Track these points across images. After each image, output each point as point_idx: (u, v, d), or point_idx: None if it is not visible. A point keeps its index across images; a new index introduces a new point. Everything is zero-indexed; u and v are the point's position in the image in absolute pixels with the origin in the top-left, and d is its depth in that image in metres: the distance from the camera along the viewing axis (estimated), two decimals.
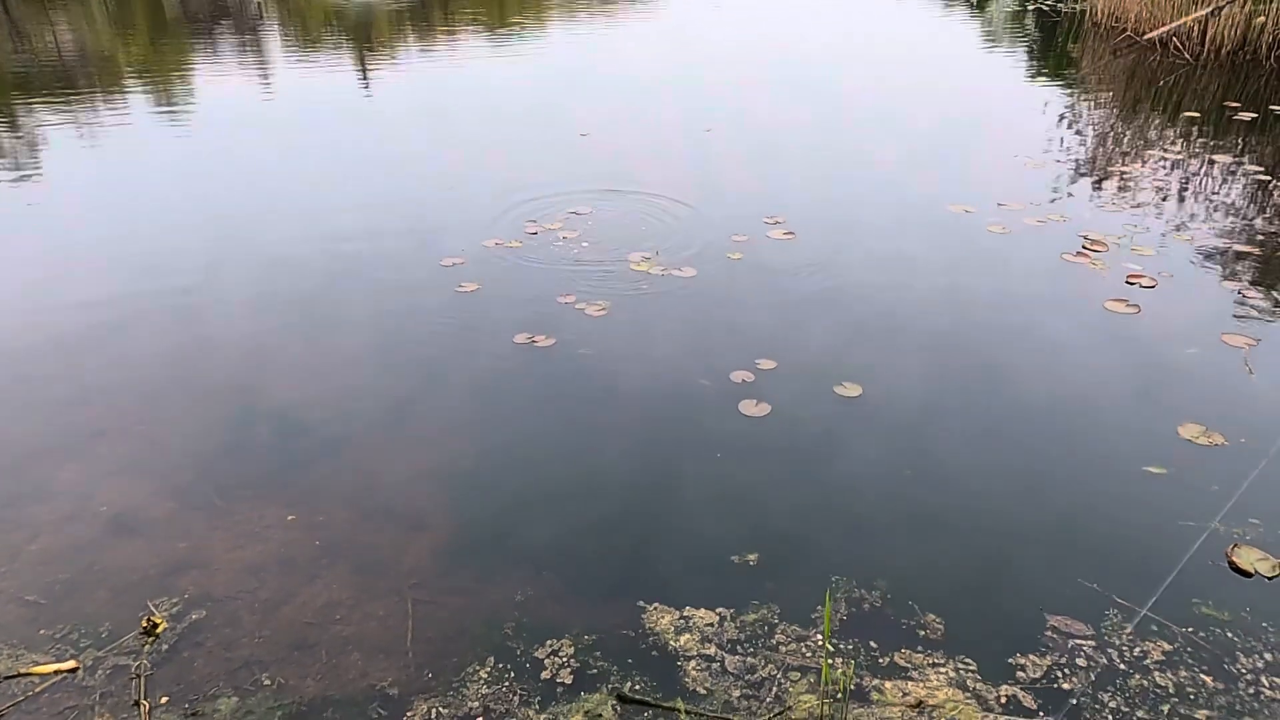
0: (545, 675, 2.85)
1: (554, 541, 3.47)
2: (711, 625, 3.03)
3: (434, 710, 2.74)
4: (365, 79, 11.97)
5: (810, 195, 7.35)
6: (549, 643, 2.97)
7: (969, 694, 2.78)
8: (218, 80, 11.73)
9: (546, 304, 5.33)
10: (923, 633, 3.00)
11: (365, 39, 14.75)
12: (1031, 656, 2.90)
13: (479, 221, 6.64)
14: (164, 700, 2.77)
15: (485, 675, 2.86)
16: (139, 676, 2.84)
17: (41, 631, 3.01)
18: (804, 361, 4.70)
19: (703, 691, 2.80)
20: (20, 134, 9.21)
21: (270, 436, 4.13)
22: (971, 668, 2.87)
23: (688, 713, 2.71)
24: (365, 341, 5.00)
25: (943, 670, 2.86)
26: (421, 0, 18.18)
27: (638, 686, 2.81)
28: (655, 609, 3.10)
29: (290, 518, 3.56)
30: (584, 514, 3.63)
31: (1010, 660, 2.89)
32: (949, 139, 9.04)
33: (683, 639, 2.98)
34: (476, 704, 2.76)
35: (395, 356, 4.85)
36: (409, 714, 2.73)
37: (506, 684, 2.83)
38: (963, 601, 3.14)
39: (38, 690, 2.78)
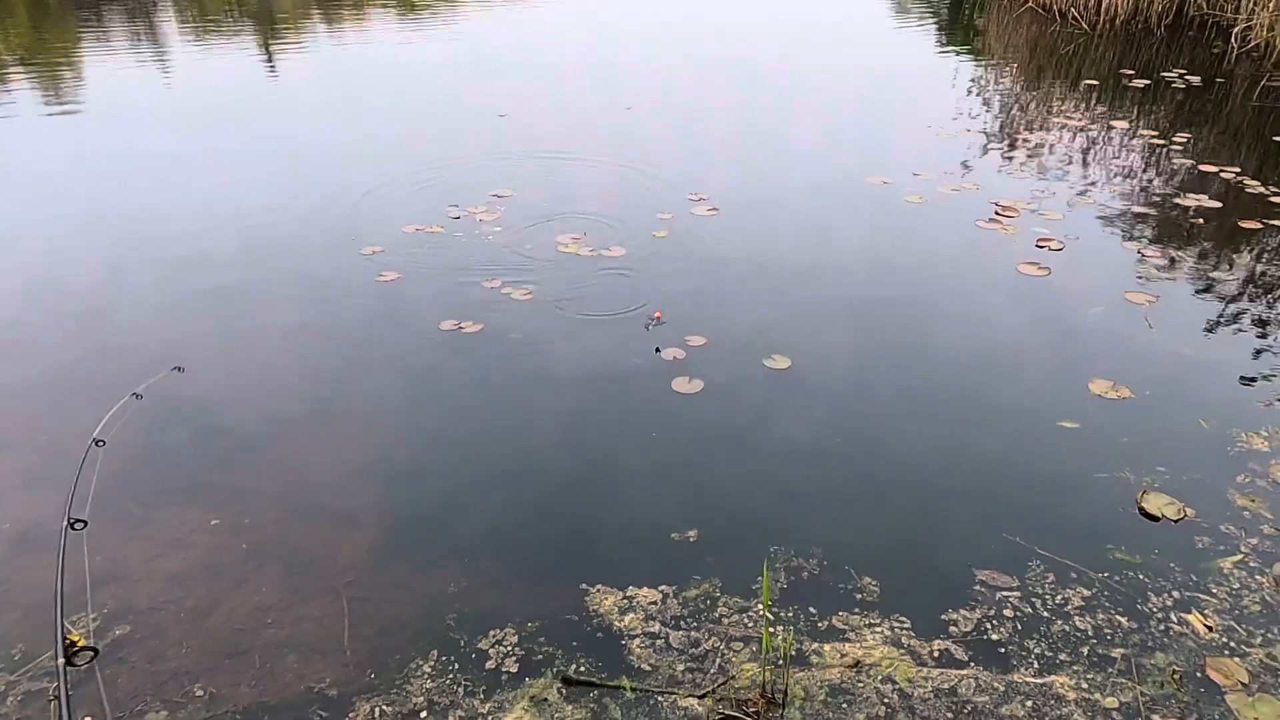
0: (490, 665, 2.83)
1: (493, 529, 3.44)
2: (655, 603, 3.05)
3: (377, 709, 2.69)
4: (271, 64, 11.49)
5: (733, 172, 7.40)
6: (492, 632, 2.94)
7: (904, 650, 2.87)
8: (111, 69, 11.08)
9: (472, 290, 5.24)
10: (859, 595, 3.08)
11: (269, 22, 14.15)
12: (962, 611, 3.01)
13: (398, 208, 6.47)
14: None
15: (429, 669, 2.81)
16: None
17: None
18: (734, 336, 4.75)
19: (648, 668, 2.81)
20: None
21: (189, 438, 3.96)
22: (906, 625, 2.96)
23: (633, 690, 2.73)
24: (285, 336, 4.83)
25: (879, 630, 2.94)
26: None
27: (583, 668, 2.81)
28: (598, 591, 3.10)
29: (214, 522, 3.43)
30: (522, 500, 3.60)
31: (942, 616, 2.99)
32: (865, 113, 9.21)
33: (627, 619, 2.99)
34: (421, 699, 2.72)
35: (318, 350, 4.70)
36: (351, 714, 2.67)
37: (450, 676, 2.79)
38: (896, 563, 3.23)
39: None
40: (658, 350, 4.09)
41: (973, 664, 2.82)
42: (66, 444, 3.92)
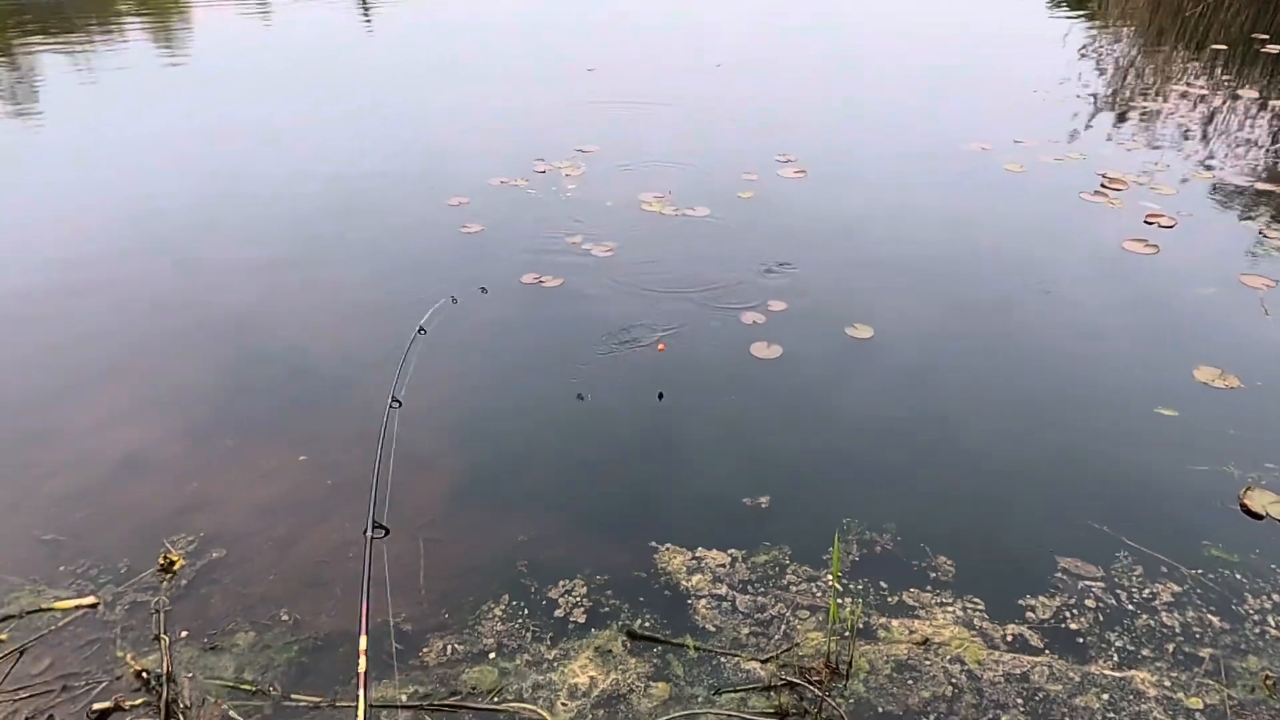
0: (558, 613, 2.88)
1: (566, 482, 3.48)
2: (723, 566, 3.05)
3: (449, 646, 2.78)
4: (366, 12, 11.66)
5: (823, 134, 7.19)
6: (562, 582, 2.99)
7: (975, 632, 2.80)
8: (214, 13, 11.42)
9: (554, 244, 5.26)
10: (933, 574, 3.01)
11: None
12: (1041, 598, 2.91)
13: (484, 159, 6.52)
14: (184, 634, 2.82)
15: (499, 613, 2.89)
16: (158, 612, 2.88)
17: (61, 568, 3.05)
18: (816, 303, 4.65)
19: (712, 629, 2.83)
20: (18, 71, 9.04)
21: (280, 378, 4.12)
22: (979, 607, 2.89)
23: (697, 648, 2.75)
24: (372, 283, 4.95)
25: (950, 609, 2.88)
26: None
27: (648, 624, 2.84)
28: (668, 550, 3.12)
29: (301, 458, 3.57)
30: (595, 455, 3.64)
31: (1019, 601, 2.90)
32: (967, 75, 8.80)
33: (694, 579, 3.00)
34: (491, 640, 2.79)
35: (402, 298, 4.80)
36: (425, 649, 2.77)
37: (520, 621, 2.86)
38: (974, 544, 3.15)
39: (60, 625, 2.83)
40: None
41: (1048, 652, 2.73)
42: (166, 375, 4.14)
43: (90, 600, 2.91)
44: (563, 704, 2.57)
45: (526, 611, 2.90)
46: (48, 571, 3.03)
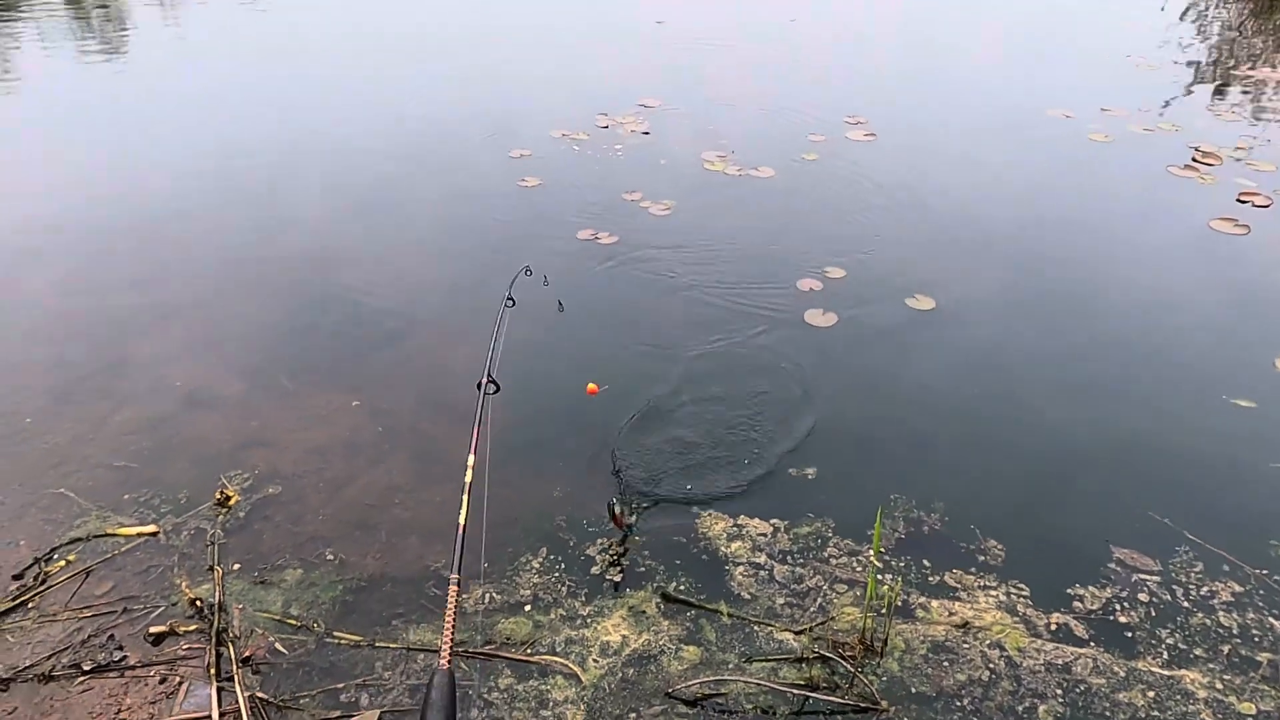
0: (594, 570, 2.91)
1: (608, 441, 3.48)
2: (764, 535, 3.03)
3: (488, 595, 2.83)
4: None
5: (896, 96, 6.93)
6: (600, 540, 3.01)
7: (1018, 619, 2.73)
8: None
9: (612, 200, 5.21)
10: (980, 556, 2.94)
11: None
12: (1091, 588, 2.82)
13: (547, 111, 6.46)
14: (236, 567, 2.93)
15: (537, 565, 2.93)
16: (213, 544, 3.00)
17: (125, 496, 3.19)
18: (876, 272, 4.52)
19: (748, 597, 2.82)
20: (107, 10, 9.28)
21: (337, 324, 4.20)
22: (1024, 593, 2.81)
23: (730, 615, 2.74)
24: (431, 234, 4.99)
25: (994, 593, 2.81)
26: None
27: (683, 588, 2.84)
28: (709, 515, 3.10)
29: (355, 403, 3.65)
30: (642, 415, 3.62)
31: (1068, 590, 2.82)
32: (1054, 36, 8.36)
33: (734, 546, 2.99)
34: (528, 592, 2.83)
35: (460, 250, 4.83)
36: (463, 597, 2.81)
37: (556, 575, 2.89)
38: (1025, 528, 3.05)
39: (123, 550, 2.97)
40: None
41: (1093, 644, 2.65)
42: (233, 316, 4.26)
43: (152, 529, 3.04)
44: (594, 660, 2.60)
45: (564, 566, 2.93)
46: (113, 498, 3.17)
